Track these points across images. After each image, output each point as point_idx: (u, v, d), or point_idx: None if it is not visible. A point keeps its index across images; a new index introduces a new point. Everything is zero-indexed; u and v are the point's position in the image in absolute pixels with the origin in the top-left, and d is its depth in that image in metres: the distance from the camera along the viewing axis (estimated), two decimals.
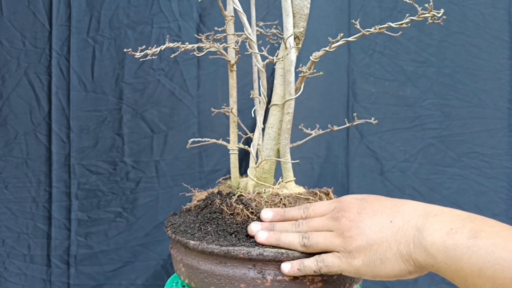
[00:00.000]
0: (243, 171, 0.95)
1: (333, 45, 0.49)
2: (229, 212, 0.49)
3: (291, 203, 0.50)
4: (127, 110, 0.94)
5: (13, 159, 0.96)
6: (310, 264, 0.43)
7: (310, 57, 0.50)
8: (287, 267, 0.43)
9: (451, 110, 0.90)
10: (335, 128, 0.58)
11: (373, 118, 0.56)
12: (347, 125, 0.61)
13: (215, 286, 0.45)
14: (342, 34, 0.48)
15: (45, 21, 0.95)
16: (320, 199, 0.52)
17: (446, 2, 0.89)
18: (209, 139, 0.59)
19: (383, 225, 0.41)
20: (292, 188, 0.53)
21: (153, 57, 0.48)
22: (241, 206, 0.48)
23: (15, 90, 0.96)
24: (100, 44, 0.94)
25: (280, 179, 0.54)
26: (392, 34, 0.46)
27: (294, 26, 0.52)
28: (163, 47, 0.48)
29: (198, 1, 0.91)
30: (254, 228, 0.46)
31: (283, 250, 0.44)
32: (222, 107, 0.60)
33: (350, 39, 0.48)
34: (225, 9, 0.56)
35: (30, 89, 0.96)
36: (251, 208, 0.48)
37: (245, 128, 0.62)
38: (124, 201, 0.95)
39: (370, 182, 0.93)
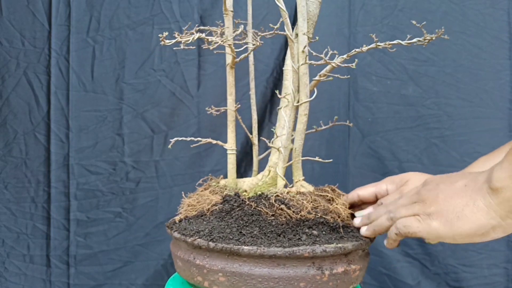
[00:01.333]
0: (242, 171, 0.95)
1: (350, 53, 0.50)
2: (270, 214, 0.49)
3: (315, 199, 0.51)
4: (127, 110, 0.95)
5: (13, 159, 0.96)
6: (392, 229, 0.47)
7: (332, 63, 0.51)
8: (357, 220, 0.52)
9: (453, 109, 0.90)
10: (332, 124, 0.58)
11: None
12: (330, 123, 0.60)
13: None
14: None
15: (45, 21, 0.95)
16: (329, 193, 0.54)
17: (446, 1, 0.89)
18: (205, 139, 0.59)
19: (459, 189, 0.43)
20: (306, 186, 0.55)
21: (184, 47, 0.48)
22: (283, 207, 0.49)
23: (14, 90, 0.96)
24: (100, 44, 0.94)
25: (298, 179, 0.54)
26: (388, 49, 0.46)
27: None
28: (195, 36, 0.49)
29: (198, 1, 0.91)
30: (357, 222, 0.53)
31: (341, 245, 0.47)
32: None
33: (364, 49, 0.49)
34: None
35: (29, 89, 0.96)
36: (293, 208, 0.49)
37: (245, 128, 0.62)
38: (123, 201, 0.95)
39: (371, 182, 0.93)
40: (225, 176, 0.59)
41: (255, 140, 0.59)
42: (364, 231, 0.52)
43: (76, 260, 0.95)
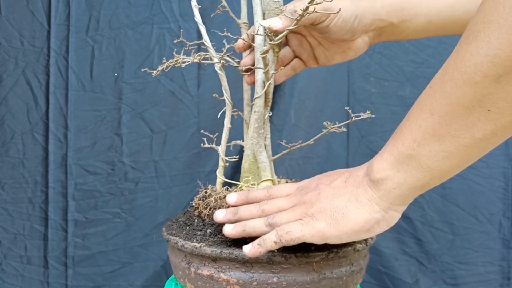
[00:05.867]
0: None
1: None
2: (196, 214, 0.54)
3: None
4: (126, 110, 0.96)
5: (10, 159, 0.98)
6: (270, 236, 0.43)
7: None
8: (247, 248, 0.43)
9: None
10: (332, 128, 0.59)
11: (368, 112, 0.59)
12: (344, 123, 0.62)
13: None
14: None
15: (44, 20, 0.97)
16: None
17: None
18: (206, 144, 0.62)
19: (340, 186, 0.43)
20: (264, 187, 0.55)
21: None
22: (202, 204, 0.53)
23: (12, 90, 0.97)
24: (100, 43, 0.96)
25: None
26: None
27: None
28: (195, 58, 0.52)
29: (198, 1, 0.94)
30: (219, 215, 0.48)
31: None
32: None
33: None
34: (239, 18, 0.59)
35: (28, 88, 0.97)
36: (209, 207, 0.52)
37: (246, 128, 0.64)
38: (122, 202, 0.97)
39: None
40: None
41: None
42: (229, 230, 0.45)
43: (74, 261, 0.97)
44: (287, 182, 0.62)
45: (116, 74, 0.96)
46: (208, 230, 0.50)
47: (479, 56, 0.33)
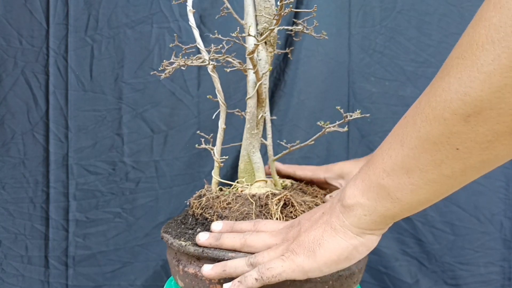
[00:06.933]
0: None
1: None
2: (190, 213, 0.55)
3: (238, 202, 0.52)
4: (126, 110, 0.97)
5: (10, 159, 0.98)
6: (251, 273, 0.42)
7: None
8: (227, 286, 0.43)
9: None
10: (328, 128, 0.58)
11: (358, 111, 0.59)
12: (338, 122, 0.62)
13: None
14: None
15: (42, 20, 0.96)
16: (275, 196, 0.54)
17: (444, 3, 0.92)
18: (203, 145, 0.62)
19: (317, 218, 0.42)
20: (255, 188, 0.55)
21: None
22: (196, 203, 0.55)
23: (12, 90, 0.98)
24: (99, 43, 0.96)
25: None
26: None
27: (257, 24, 0.55)
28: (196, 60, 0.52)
29: (198, 1, 0.93)
30: (201, 237, 0.47)
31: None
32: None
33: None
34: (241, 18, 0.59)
35: (27, 88, 0.98)
36: (201, 206, 0.54)
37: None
38: (123, 202, 0.97)
39: None
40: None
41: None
42: (208, 270, 0.44)
43: (75, 261, 0.97)
44: (292, 184, 0.62)
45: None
46: (198, 229, 0.51)
47: (449, 93, 0.32)
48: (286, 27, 0.65)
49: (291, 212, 0.50)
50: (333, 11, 0.96)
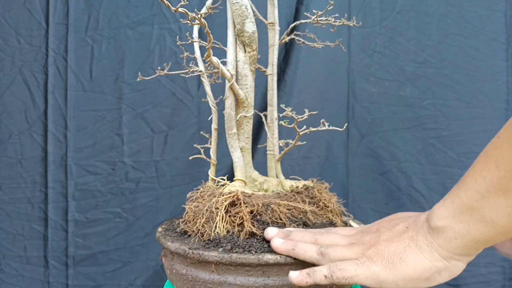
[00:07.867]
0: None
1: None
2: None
3: (205, 199, 0.54)
4: (127, 110, 0.96)
5: (7, 159, 0.98)
6: (322, 269, 0.41)
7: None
8: (294, 274, 0.42)
9: (450, 110, 0.94)
10: (327, 127, 0.59)
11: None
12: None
13: None
14: None
15: (42, 19, 0.96)
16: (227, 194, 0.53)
17: (444, 4, 0.93)
18: (201, 155, 0.63)
19: (400, 231, 0.41)
20: (232, 186, 0.56)
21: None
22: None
23: (9, 89, 0.97)
24: (99, 43, 0.96)
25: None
26: None
27: (234, 25, 0.56)
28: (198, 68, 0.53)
29: (198, 2, 0.93)
30: (270, 232, 0.46)
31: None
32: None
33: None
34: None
35: (25, 87, 0.97)
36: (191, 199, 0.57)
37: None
38: (123, 202, 0.97)
39: (370, 182, 0.97)
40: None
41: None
42: (278, 243, 0.44)
43: (74, 261, 0.97)
44: (297, 187, 0.62)
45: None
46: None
47: None
48: (284, 36, 0.67)
49: (237, 213, 0.49)
50: (333, 12, 0.96)
